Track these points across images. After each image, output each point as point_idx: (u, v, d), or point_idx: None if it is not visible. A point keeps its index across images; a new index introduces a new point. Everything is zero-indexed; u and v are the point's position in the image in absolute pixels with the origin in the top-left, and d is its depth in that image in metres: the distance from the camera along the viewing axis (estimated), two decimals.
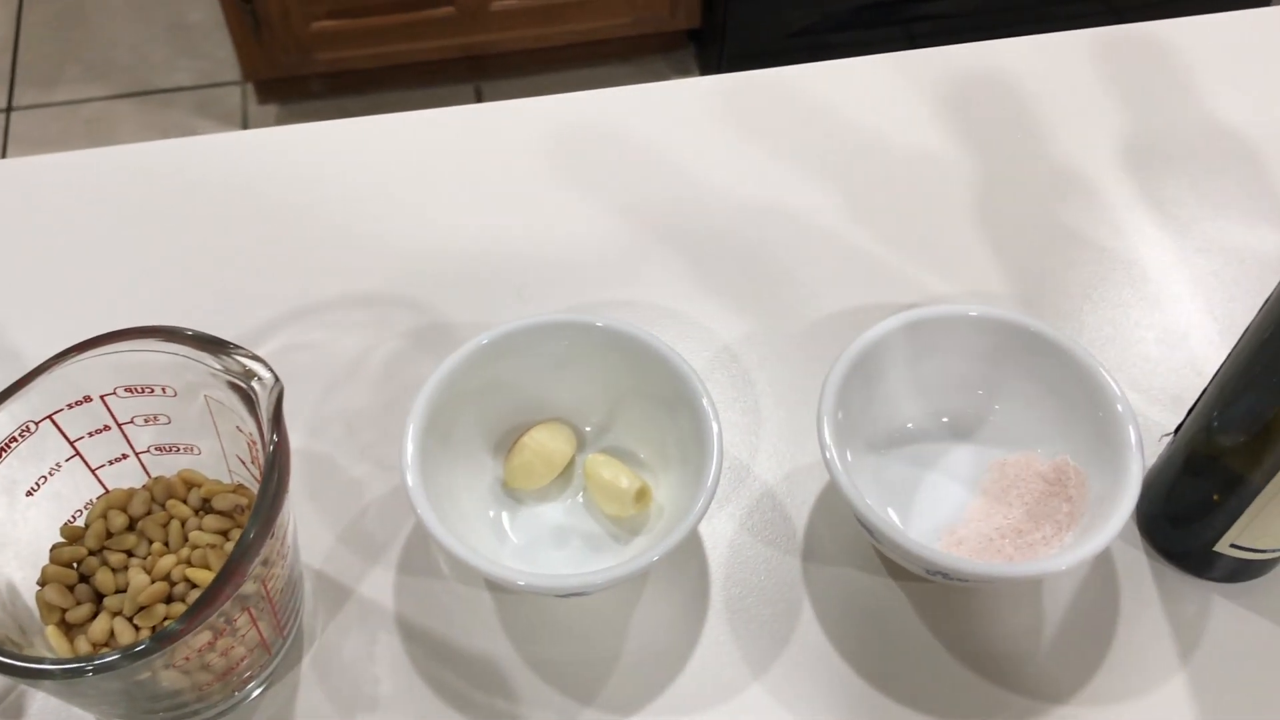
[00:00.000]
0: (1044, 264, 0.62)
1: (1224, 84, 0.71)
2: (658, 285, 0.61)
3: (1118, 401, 0.50)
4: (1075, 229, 0.64)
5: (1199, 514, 0.50)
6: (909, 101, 0.70)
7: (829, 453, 0.48)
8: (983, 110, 0.69)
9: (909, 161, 0.67)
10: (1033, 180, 0.66)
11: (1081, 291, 0.61)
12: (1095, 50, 0.73)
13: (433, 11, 1.69)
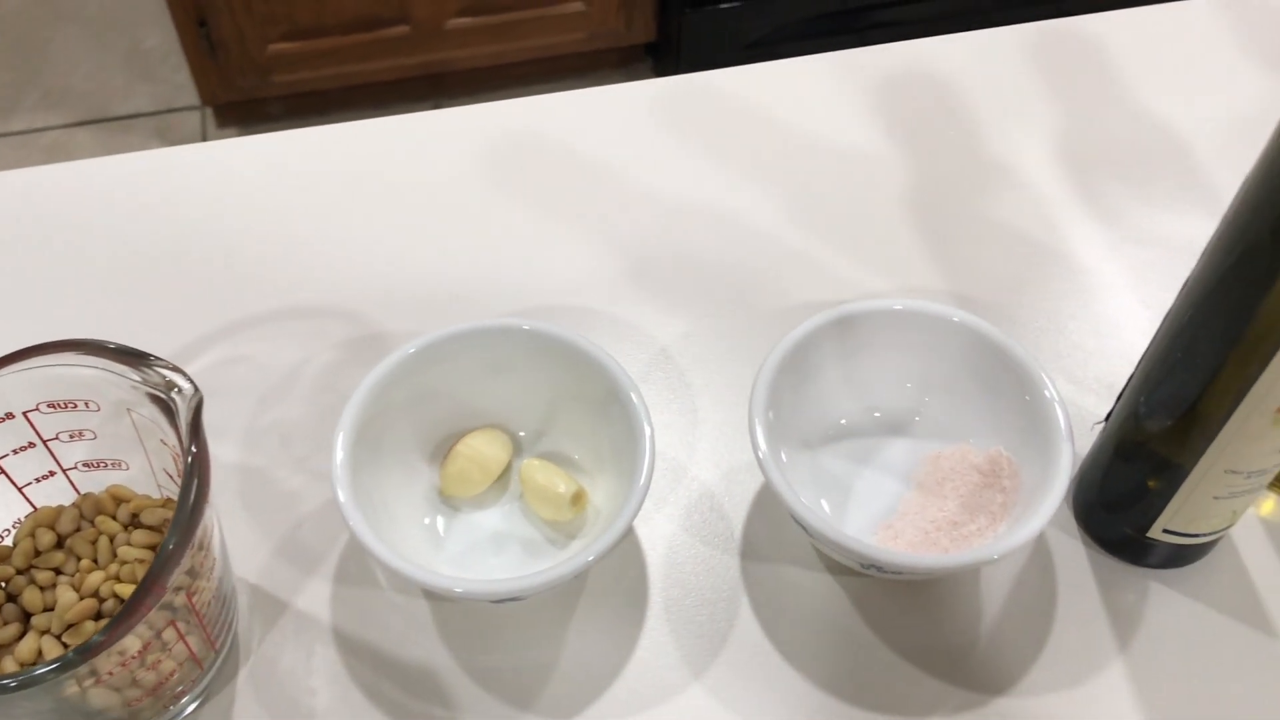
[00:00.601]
0: (978, 258, 0.63)
1: (1152, 76, 0.72)
2: (595, 289, 0.61)
3: (1045, 388, 0.50)
4: (1008, 223, 0.64)
5: (1132, 500, 0.50)
6: (843, 101, 0.70)
7: (761, 451, 0.48)
8: (916, 108, 0.70)
9: (843, 160, 0.67)
10: (966, 176, 0.66)
11: (1015, 284, 0.62)
12: (1026, 46, 0.73)
13: (388, 31, 1.69)
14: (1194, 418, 0.45)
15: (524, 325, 0.51)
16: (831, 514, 0.52)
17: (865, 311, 0.52)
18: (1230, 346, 0.42)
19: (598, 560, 0.46)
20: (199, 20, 1.65)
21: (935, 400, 0.54)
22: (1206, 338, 0.43)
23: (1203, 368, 0.43)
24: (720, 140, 0.68)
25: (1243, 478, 0.46)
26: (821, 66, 0.72)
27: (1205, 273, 0.42)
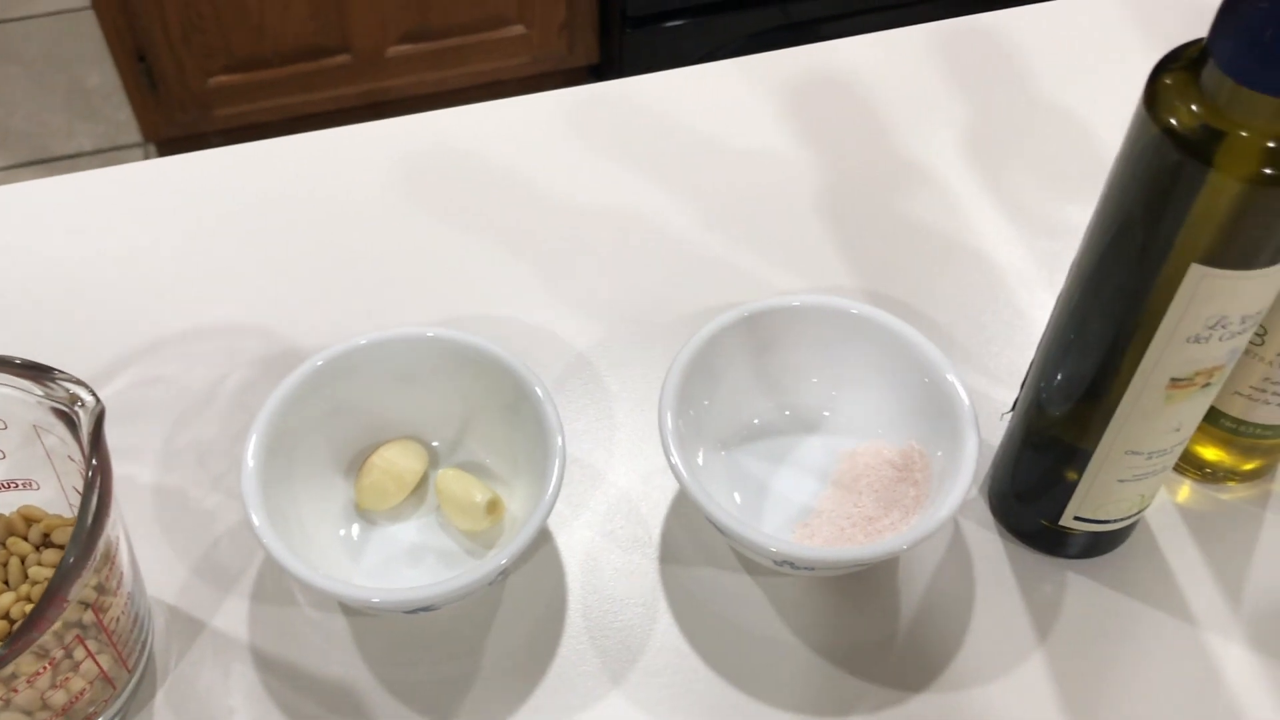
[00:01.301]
0: (891, 255, 0.63)
1: (1059, 69, 0.73)
2: (511, 298, 0.61)
3: (948, 375, 0.51)
4: (920, 220, 0.65)
5: (1042, 489, 0.50)
6: (755, 104, 0.70)
7: (672, 457, 0.48)
8: (827, 109, 0.70)
9: (756, 163, 0.67)
10: (878, 175, 0.67)
11: (928, 279, 0.62)
12: (935, 45, 0.74)
13: (329, 60, 1.69)
14: (1090, 400, 0.45)
15: (428, 333, 0.51)
16: (749, 514, 0.52)
17: (767, 310, 0.53)
18: (1115, 325, 0.42)
19: (510, 566, 0.46)
20: (138, 55, 1.64)
21: (848, 396, 0.55)
22: (1093, 318, 0.43)
23: (1094, 348, 0.44)
24: (634, 146, 0.68)
25: (1144, 458, 0.46)
26: (733, 70, 0.73)
27: (1087, 253, 0.43)
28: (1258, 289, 0.39)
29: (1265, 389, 0.49)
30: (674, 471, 0.48)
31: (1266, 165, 0.36)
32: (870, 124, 0.69)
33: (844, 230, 0.64)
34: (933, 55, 0.74)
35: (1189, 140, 0.36)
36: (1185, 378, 0.42)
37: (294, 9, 1.62)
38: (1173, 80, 0.37)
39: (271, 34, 1.64)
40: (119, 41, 1.62)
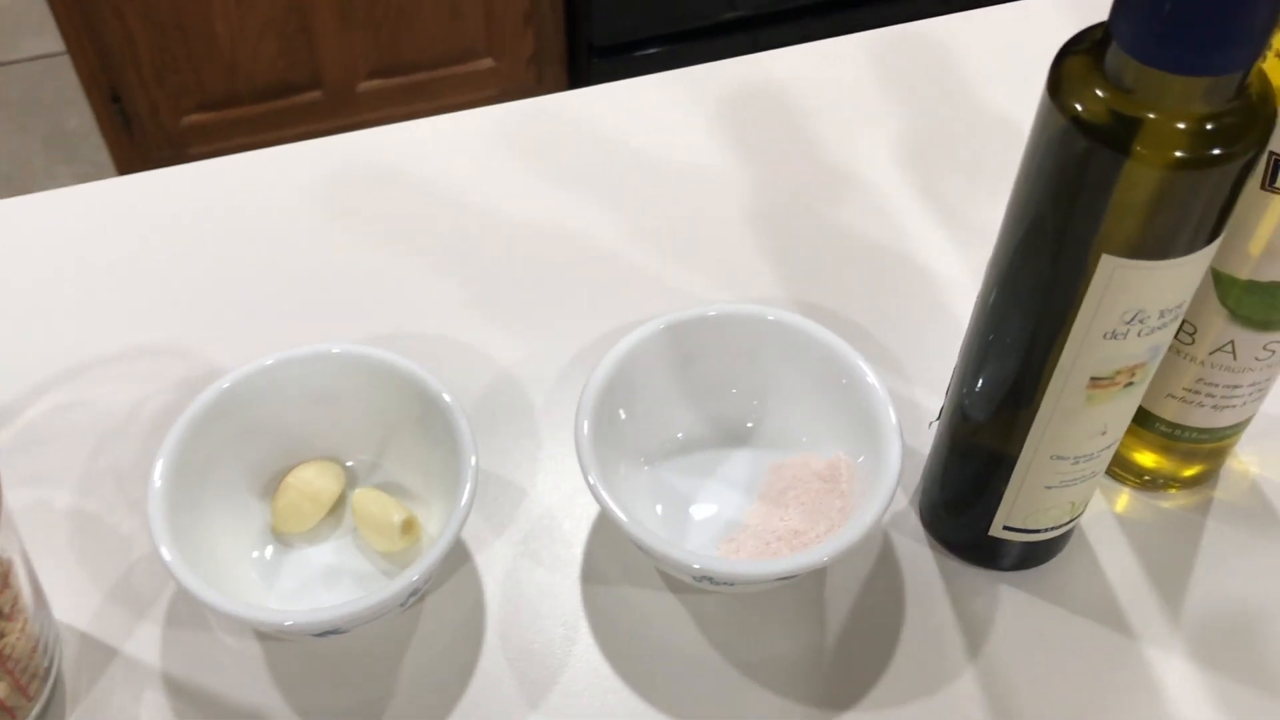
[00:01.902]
0: (823, 265, 0.62)
1: (992, 76, 0.72)
2: (437, 315, 0.60)
3: (869, 377, 0.49)
4: (853, 229, 0.64)
5: (970, 498, 0.49)
6: (689, 117, 0.70)
7: (589, 473, 0.47)
8: (759, 121, 0.69)
9: (689, 176, 0.66)
10: (811, 185, 0.66)
11: (862, 289, 0.61)
12: (868, 54, 0.74)
13: (300, 97, 1.69)
14: (1012, 403, 0.44)
15: (334, 349, 0.49)
16: (672, 530, 0.51)
17: (685, 320, 0.51)
18: (1031, 324, 0.41)
19: (422, 585, 0.45)
20: (112, 96, 1.64)
21: (774, 407, 0.53)
22: (1009, 318, 0.42)
23: (1012, 350, 0.42)
24: (565, 161, 0.67)
25: (1070, 463, 0.45)
26: (666, 83, 0.72)
27: (1000, 250, 0.42)
28: (1174, 280, 0.38)
29: (1199, 390, 0.48)
30: (589, 486, 0.46)
31: (1175, 148, 0.35)
32: (804, 135, 0.69)
33: (777, 241, 0.63)
34: (869, 65, 0.73)
35: (1094, 126, 0.35)
36: (1106, 377, 0.41)
37: (265, 46, 1.62)
38: (1076, 65, 0.36)
39: (243, 72, 1.64)
40: (93, 83, 1.62)
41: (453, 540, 0.45)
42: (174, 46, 1.61)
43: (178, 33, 1.60)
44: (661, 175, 0.66)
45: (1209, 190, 0.36)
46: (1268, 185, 0.41)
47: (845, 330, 0.59)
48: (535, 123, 0.70)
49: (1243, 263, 0.43)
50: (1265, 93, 0.36)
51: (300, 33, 1.63)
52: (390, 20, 1.65)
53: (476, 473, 0.46)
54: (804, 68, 0.72)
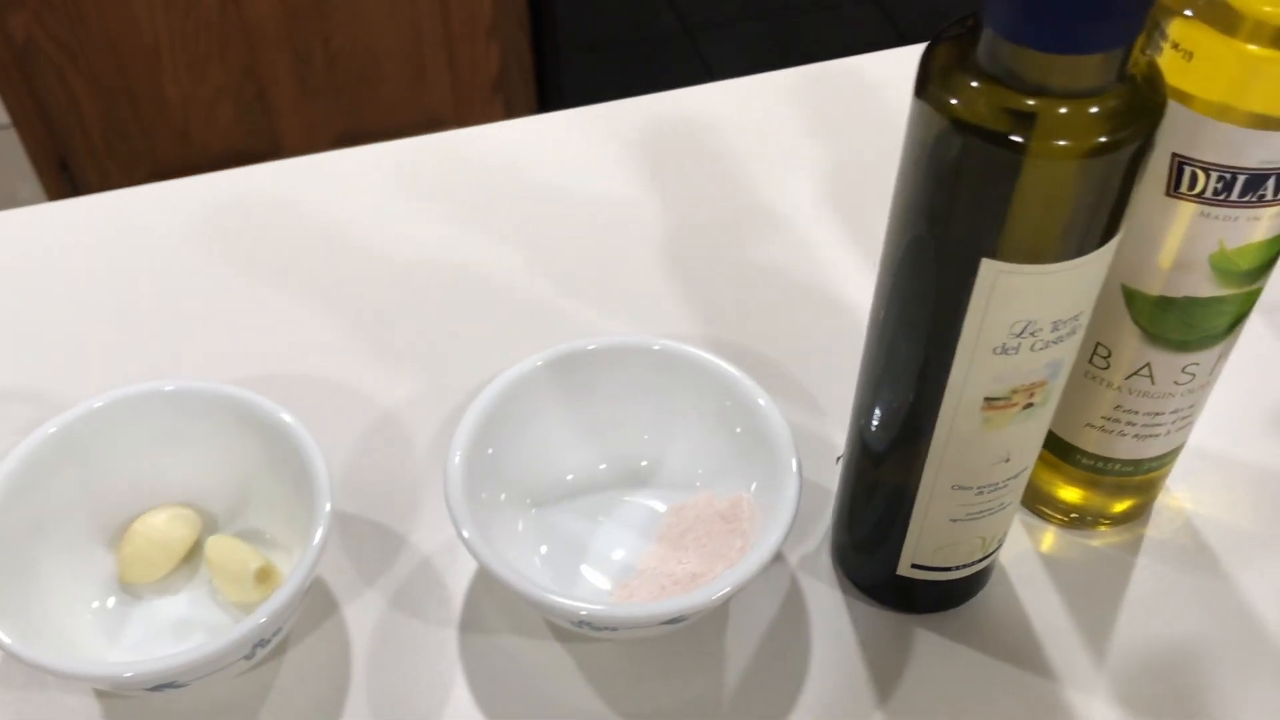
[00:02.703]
0: (739, 302, 0.59)
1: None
2: (318, 355, 0.56)
3: (767, 408, 0.46)
4: (771, 265, 0.60)
5: (877, 536, 0.45)
6: (604, 153, 0.67)
7: (456, 514, 0.43)
8: (676, 157, 0.66)
9: (602, 213, 0.63)
10: (729, 222, 0.63)
11: (778, 325, 0.58)
12: (792, 90, 0.71)
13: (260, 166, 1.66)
14: (908, 430, 0.40)
15: (166, 387, 0.46)
16: (562, 575, 0.47)
17: (562, 355, 0.48)
18: (918, 341, 0.38)
19: (269, 634, 0.41)
20: (60, 164, 1.62)
21: (675, 444, 0.50)
22: (898, 338, 0.39)
23: (903, 372, 0.39)
24: (468, 198, 0.64)
25: (974, 494, 0.41)
26: (581, 119, 0.69)
27: (883, 265, 0.38)
28: (1064, 287, 0.35)
29: (1119, 419, 0.45)
30: (456, 527, 0.43)
31: (1051, 138, 0.32)
32: (722, 171, 0.66)
33: (690, 278, 0.60)
34: (791, 101, 0.70)
35: (963, 117, 0.32)
36: (1001, 397, 0.38)
37: (219, 113, 1.60)
38: (947, 58, 0.33)
39: (197, 139, 1.61)
40: (41, 151, 1.59)
41: (302, 584, 0.41)
42: (123, 113, 1.58)
43: (126, 98, 1.57)
44: (570, 212, 0.63)
45: (1093, 185, 0.32)
46: (1173, 190, 0.38)
47: (759, 366, 0.56)
48: (440, 159, 0.67)
49: (1153, 277, 0.40)
50: (1153, 79, 0.33)
51: (257, 100, 1.61)
52: (350, 87, 1.62)
53: (330, 516, 0.43)
54: (723, 104, 0.70)
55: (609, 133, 0.68)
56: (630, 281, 0.60)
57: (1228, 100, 0.35)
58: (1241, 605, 0.47)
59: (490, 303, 0.59)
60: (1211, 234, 0.38)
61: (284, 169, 0.66)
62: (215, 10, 1.52)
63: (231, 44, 1.57)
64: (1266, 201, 0.37)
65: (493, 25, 1.64)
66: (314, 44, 1.60)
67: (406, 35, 1.62)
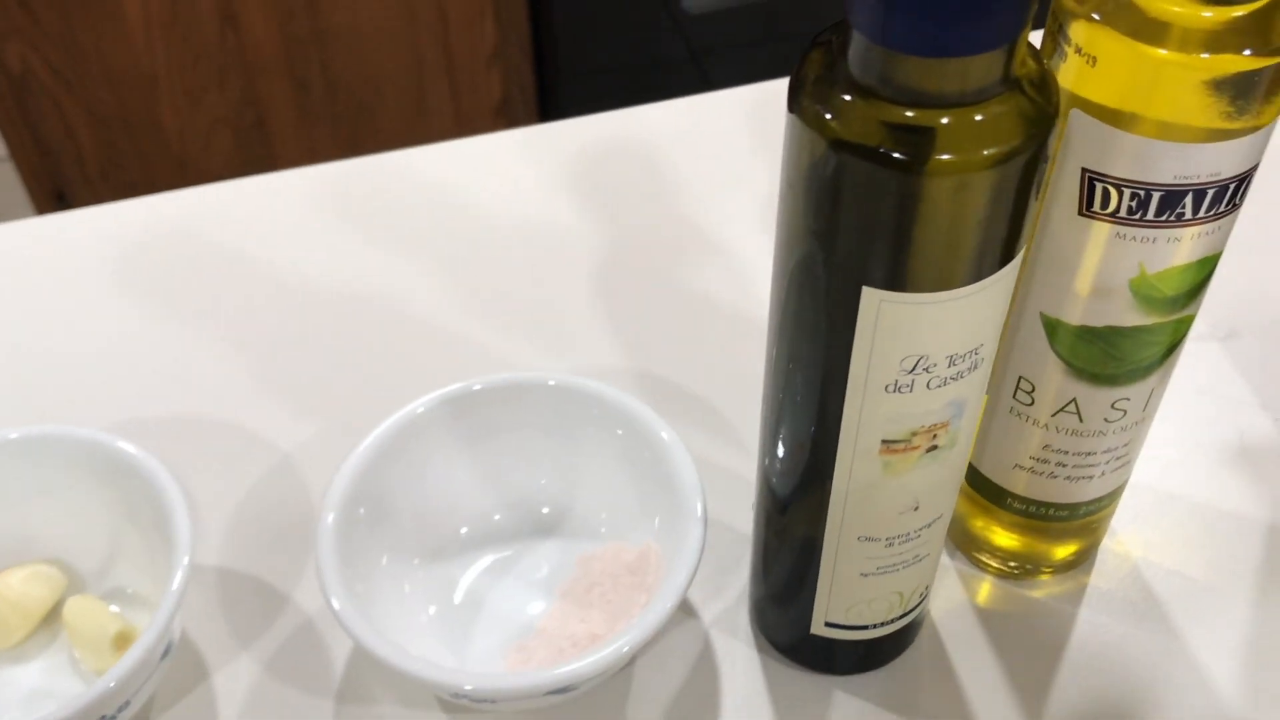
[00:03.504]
0: (671, 333, 0.55)
1: None
2: (218, 395, 0.53)
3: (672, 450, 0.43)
4: (708, 293, 0.57)
5: (790, 591, 0.41)
6: (535, 177, 0.63)
7: (330, 595, 0.39)
8: (616, 180, 0.63)
9: (530, 238, 0.60)
10: (667, 247, 0.60)
11: (712, 358, 0.54)
12: (742, 111, 0.68)
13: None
14: (808, 476, 0.37)
15: (11, 434, 0.43)
16: (453, 637, 0.44)
17: (451, 397, 0.44)
18: (808, 380, 0.34)
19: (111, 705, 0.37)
20: (57, 194, 1.59)
21: (582, 490, 0.46)
22: (791, 376, 0.35)
23: (798, 413, 0.36)
24: (391, 225, 0.61)
25: (883, 546, 0.38)
26: (519, 140, 0.66)
27: (772, 299, 0.35)
28: (956, 318, 0.31)
29: (1047, 460, 0.41)
30: (324, 595, 0.39)
31: (929, 151, 0.28)
32: (666, 193, 0.62)
33: (622, 307, 0.56)
34: (740, 122, 0.67)
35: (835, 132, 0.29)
36: (900, 440, 0.34)
37: (218, 141, 1.57)
38: (818, 67, 0.30)
39: (195, 168, 1.59)
40: (36, 181, 1.57)
41: (153, 647, 0.38)
42: (119, 142, 1.56)
43: (123, 128, 1.55)
44: (500, 238, 0.60)
45: (979, 204, 0.29)
46: (1085, 210, 0.34)
47: (689, 401, 0.52)
48: (365, 182, 0.63)
49: (1072, 305, 0.37)
50: (1044, 83, 0.29)
51: (255, 128, 1.58)
52: (350, 115, 1.60)
53: (188, 570, 0.39)
54: (670, 126, 0.66)
55: (547, 154, 0.65)
56: (561, 312, 0.57)
57: (1135, 109, 0.32)
58: (1191, 662, 0.44)
59: (406, 337, 0.55)
60: (1129, 257, 0.35)
61: (196, 196, 0.63)
62: (213, 38, 1.50)
63: (230, 72, 1.54)
64: (1187, 221, 0.34)
65: (495, 51, 1.62)
66: (313, 71, 1.57)
67: (407, 62, 1.60)
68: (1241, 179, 0.33)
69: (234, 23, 1.51)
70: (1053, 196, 0.35)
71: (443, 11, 1.57)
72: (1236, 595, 0.45)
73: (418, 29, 1.57)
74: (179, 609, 0.39)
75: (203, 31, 1.49)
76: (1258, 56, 0.31)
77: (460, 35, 1.59)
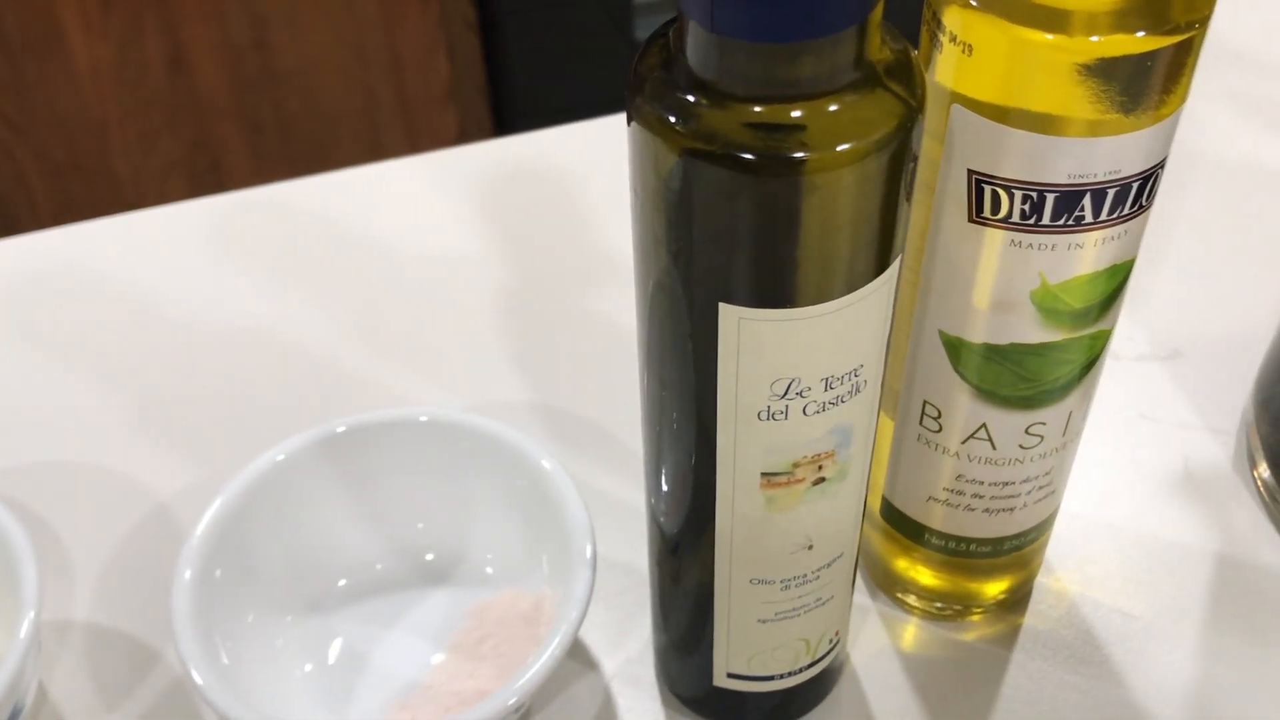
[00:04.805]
0: (577, 363, 0.52)
1: None
2: (92, 438, 0.50)
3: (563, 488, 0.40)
4: (616, 321, 0.54)
5: (691, 640, 0.38)
6: (434, 204, 0.61)
7: (187, 662, 0.36)
8: (522, 204, 0.60)
9: (428, 268, 0.57)
10: (573, 274, 0.57)
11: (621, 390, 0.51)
12: None
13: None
14: (690, 513, 0.34)
15: None
16: (331, 696, 0.40)
17: (314, 441, 0.41)
18: (678, 409, 0.31)
19: None
20: None
21: (473, 534, 0.43)
22: (663, 404, 0.32)
23: (674, 446, 0.33)
24: (285, 259, 0.58)
25: (778, 589, 0.34)
26: (414, 167, 0.63)
27: (638, 320, 0.32)
28: (825, 335, 0.28)
29: (963, 491, 0.38)
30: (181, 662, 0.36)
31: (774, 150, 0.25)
32: (572, 218, 0.59)
33: (526, 337, 0.53)
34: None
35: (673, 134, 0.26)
36: (781, 472, 0.31)
37: (172, 187, 1.55)
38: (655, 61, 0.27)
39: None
40: None
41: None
42: (72, 188, 1.54)
43: (75, 173, 1.53)
44: (397, 268, 0.57)
45: (835, 208, 0.26)
46: (976, 216, 0.31)
47: (595, 437, 0.49)
48: (251, 216, 0.60)
49: (972, 322, 0.34)
50: (903, 69, 0.26)
51: (209, 171, 1.56)
52: (305, 155, 1.58)
53: (34, 626, 0.36)
54: (580, 147, 0.64)
55: (446, 180, 0.62)
56: (464, 344, 0.54)
57: (1019, 102, 0.29)
58: (1131, 709, 0.40)
59: (299, 376, 0.52)
60: (1028, 266, 0.32)
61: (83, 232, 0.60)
62: (163, 82, 1.49)
63: (181, 116, 1.53)
64: (1087, 225, 0.31)
65: (449, 89, 1.60)
66: (265, 113, 1.56)
67: (361, 101, 1.58)
68: (1146, 177, 0.31)
69: (183, 66, 1.49)
70: (941, 203, 0.32)
71: (395, 50, 1.56)
72: (1181, 635, 0.42)
73: (370, 68, 1.56)
74: (23, 668, 0.36)
75: (152, 76, 1.48)
76: (1152, 37, 0.28)
77: (413, 73, 1.57)
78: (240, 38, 1.48)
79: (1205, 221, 0.58)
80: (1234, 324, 0.52)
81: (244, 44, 1.49)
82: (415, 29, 1.54)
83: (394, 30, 1.54)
